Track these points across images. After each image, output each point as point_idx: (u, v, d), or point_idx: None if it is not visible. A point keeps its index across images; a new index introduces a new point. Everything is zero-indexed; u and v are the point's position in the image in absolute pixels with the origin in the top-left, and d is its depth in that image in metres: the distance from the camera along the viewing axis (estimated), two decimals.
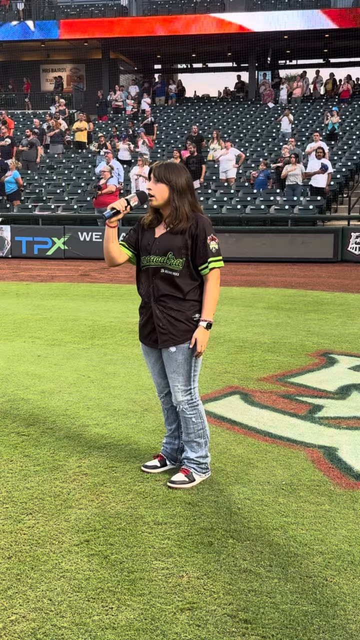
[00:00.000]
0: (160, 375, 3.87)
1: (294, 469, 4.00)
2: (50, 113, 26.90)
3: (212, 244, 3.62)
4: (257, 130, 25.41)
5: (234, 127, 26.12)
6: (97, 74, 33.54)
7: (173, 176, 3.60)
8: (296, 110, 27.18)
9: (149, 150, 22.30)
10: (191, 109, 29.59)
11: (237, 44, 31.49)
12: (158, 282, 3.69)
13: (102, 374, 6.04)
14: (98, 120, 28.41)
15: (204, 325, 3.65)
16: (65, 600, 2.73)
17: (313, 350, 6.97)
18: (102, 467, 4.03)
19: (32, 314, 9.02)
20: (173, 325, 3.67)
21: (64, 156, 23.94)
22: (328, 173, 17.55)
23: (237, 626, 2.57)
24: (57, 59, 35.82)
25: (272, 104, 28.37)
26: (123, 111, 28.88)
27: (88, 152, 23.72)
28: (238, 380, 5.87)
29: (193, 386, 3.76)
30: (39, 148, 22.87)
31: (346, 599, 2.74)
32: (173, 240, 3.63)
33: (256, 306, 9.62)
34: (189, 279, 3.66)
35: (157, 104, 30.68)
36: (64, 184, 21.02)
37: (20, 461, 4.13)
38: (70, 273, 14.16)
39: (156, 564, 2.99)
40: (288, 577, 2.89)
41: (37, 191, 20.60)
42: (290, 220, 16.40)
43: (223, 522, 3.36)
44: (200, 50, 33.81)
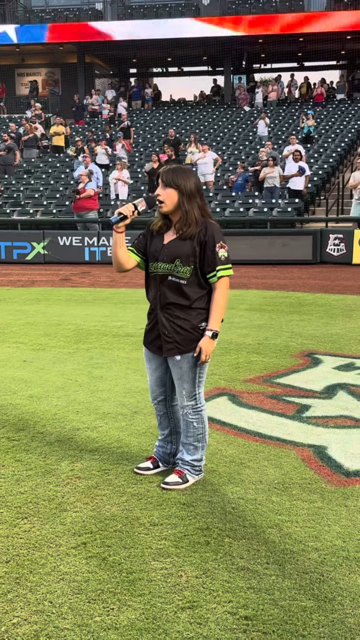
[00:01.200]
0: (157, 383, 3.87)
1: (285, 468, 4.05)
2: (26, 117, 26.81)
3: (221, 251, 3.57)
4: (234, 134, 25.55)
5: (210, 131, 26.23)
6: (73, 78, 33.46)
7: (181, 180, 3.56)
8: (272, 113, 27.36)
9: (127, 154, 22.32)
10: (167, 112, 29.65)
11: (212, 48, 31.62)
12: (165, 289, 3.65)
13: (89, 378, 6.05)
14: (75, 125, 28.36)
15: (209, 335, 3.61)
16: (66, 602, 2.74)
17: (297, 350, 7.04)
18: (94, 470, 4.04)
19: (14, 319, 8.99)
20: (178, 333, 3.64)
21: (41, 160, 23.87)
22: (305, 175, 17.71)
23: (238, 623, 2.60)
24: (32, 63, 35.70)
25: (248, 108, 28.53)
26: (99, 115, 28.86)
27: (66, 157, 23.67)
28: (225, 381, 5.91)
29: (198, 392, 3.76)
30: (16, 152, 22.79)
31: (343, 594, 2.79)
32: (181, 247, 3.58)
33: (238, 308, 9.68)
34: (196, 287, 3.62)
35: (133, 107, 30.71)
36: (42, 189, 20.96)
37: (12, 466, 4.13)
38: (50, 278, 14.12)
39: (154, 565, 3.01)
40: (285, 574, 2.93)
41: (15, 196, 20.51)
42: (269, 222, 16.51)
43: (218, 522, 3.39)
44: (175, 54, 33.89)
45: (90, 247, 16.31)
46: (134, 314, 8.93)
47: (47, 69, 36.20)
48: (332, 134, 24.16)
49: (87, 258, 16.31)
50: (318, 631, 2.55)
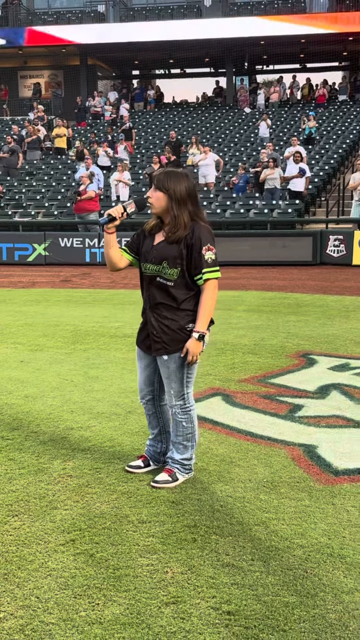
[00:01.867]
0: (145, 382, 3.93)
1: (275, 467, 4.09)
2: (28, 119, 26.90)
3: (207, 254, 3.59)
4: (236, 135, 25.60)
5: (212, 132, 26.28)
6: (75, 80, 33.55)
7: (172, 184, 3.59)
8: (274, 115, 27.41)
9: (129, 156, 22.39)
10: (170, 114, 29.72)
11: (215, 50, 31.68)
12: (154, 290, 3.71)
13: (85, 378, 6.10)
14: (77, 126, 28.44)
15: (195, 337, 3.63)
16: (52, 598, 2.79)
17: (293, 351, 7.08)
18: (86, 468, 4.09)
19: (13, 320, 9.04)
20: (166, 333, 3.69)
21: (43, 162, 23.95)
22: (306, 177, 17.74)
23: (221, 618, 2.65)
24: (35, 65, 35.81)
25: (249, 109, 28.58)
26: (102, 117, 28.94)
27: (67, 158, 23.75)
28: (219, 381, 5.96)
29: (186, 391, 3.81)
30: (19, 154, 22.88)
31: (326, 590, 2.82)
32: (169, 249, 3.62)
33: (236, 309, 9.72)
34: (184, 289, 3.65)
35: (135, 109, 30.79)
36: (44, 190, 21.03)
37: (5, 465, 4.17)
38: (51, 279, 14.19)
39: (141, 561, 3.06)
40: (270, 570, 2.97)
41: (17, 197, 20.59)
42: (269, 223, 16.55)
43: (206, 519, 3.44)
44: (178, 56, 33.96)
45: (91, 248, 16.38)
46: (132, 315, 8.98)
47: (50, 71, 36.30)
48: (333, 135, 24.20)
49: (88, 259, 16.38)
50: (299, 626, 2.59)
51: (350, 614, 2.66)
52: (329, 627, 2.59)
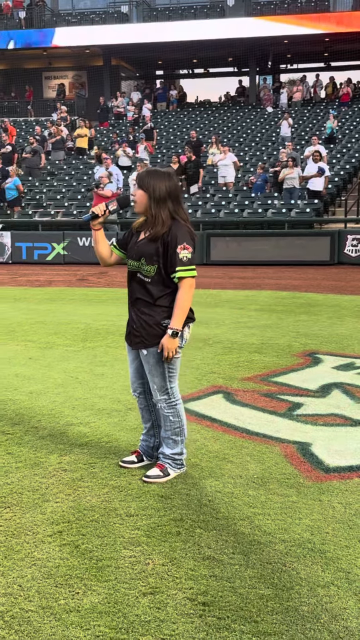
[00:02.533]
0: (134, 374, 4.01)
1: (267, 464, 4.13)
2: (51, 120, 27.13)
3: (182, 252, 3.65)
4: (257, 135, 25.57)
5: (233, 132, 26.29)
6: (99, 81, 33.77)
7: (152, 182, 3.67)
8: (296, 114, 27.33)
9: (149, 156, 22.49)
10: (192, 114, 29.77)
11: (238, 49, 31.67)
12: (134, 285, 3.83)
13: (90, 375, 6.19)
14: (99, 127, 28.61)
15: (169, 333, 3.70)
16: (34, 586, 2.87)
17: (299, 350, 7.10)
18: (81, 463, 4.17)
19: (26, 318, 9.18)
20: (144, 328, 3.79)
21: (64, 162, 24.15)
22: (325, 176, 17.68)
23: (195, 608, 2.70)
24: (59, 66, 36.08)
25: (271, 108, 28.52)
26: (124, 117, 29.09)
27: (89, 158, 23.92)
28: (223, 380, 6.01)
29: (170, 386, 3.87)
30: (42, 155, 23.11)
31: (302, 584, 2.87)
32: (147, 246, 3.72)
33: (248, 308, 9.75)
34: (161, 285, 3.74)
35: (158, 109, 30.89)
36: (64, 190, 21.21)
37: (3, 458, 4.27)
38: (68, 278, 14.33)
39: (124, 553, 3.12)
40: (249, 564, 3.02)
41: (38, 197, 20.80)
42: (287, 223, 16.53)
43: (192, 514, 3.49)
44: (201, 55, 34.00)
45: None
46: None
47: (74, 71, 36.58)
48: (356, 134, 24.05)
49: None
50: (271, 618, 2.64)
51: (323, 607, 2.70)
52: (301, 619, 2.63)
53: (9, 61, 34.95)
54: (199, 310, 9.15)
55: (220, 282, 13.18)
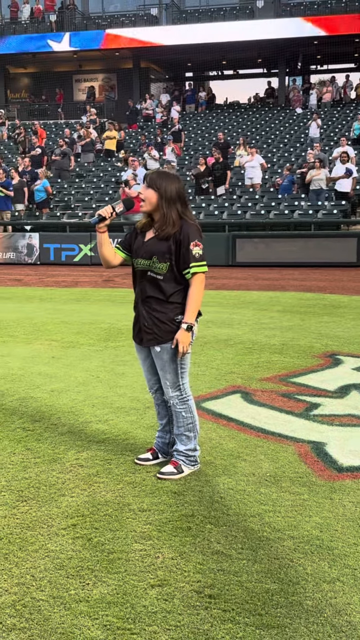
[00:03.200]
0: (149, 371, 4.09)
1: (280, 462, 4.17)
2: (81, 122, 27.38)
3: (195, 249, 3.78)
4: (285, 136, 25.53)
5: (262, 133, 26.28)
6: (128, 83, 34.02)
7: (163, 183, 3.80)
8: (325, 115, 27.22)
9: (177, 158, 22.59)
10: (220, 115, 29.83)
11: (267, 51, 31.66)
12: (145, 284, 3.91)
13: (111, 374, 6.28)
14: (128, 129, 28.81)
15: (184, 327, 3.80)
16: (46, 577, 2.95)
17: (320, 351, 7.11)
18: (98, 459, 4.25)
19: (51, 318, 9.32)
20: (157, 325, 3.87)
21: (93, 165, 24.36)
22: (353, 177, 17.61)
23: (202, 601, 2.76)
24: (89, 69, 36.42)
25: (301, 110, 28.45)
26: (153, 119, 29.25)
27: (117, 160, 24.11)
28: (242, 380, 6.05)
29: (182, 382, 3.96)
30: (71, 157, 23.37)
31: (308, 579, 2.91)
32: (159, 245, 3.83)
33: (271, 310, 9.78)
34: (173, 282, 3.85)
35: (186, 111, 31.00)
36: (92, 192, 21.41)
37: (22, 454, 4.37)
38: (94, 279, 14.49)
39: (135, 546, 3.20)
40: (257, 559, 3.07)
41: (66, 199, 21.02)
42: (313, 224, 16.49)
43: (204, 510, 3.55)
44: (230, 57, 34.05)
45: None
46: None
47: (103, 74, 36.88)
48: None
49: None
50: (275, 611, 2.69)
51: (327, 602, 2.74)
52: (305, 612, 2.68)
53: (40, 64, 35.38)
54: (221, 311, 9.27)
55: (244, 283, 13.21)
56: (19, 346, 7.56)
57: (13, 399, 5.56)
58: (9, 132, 29.32)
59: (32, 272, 16.22)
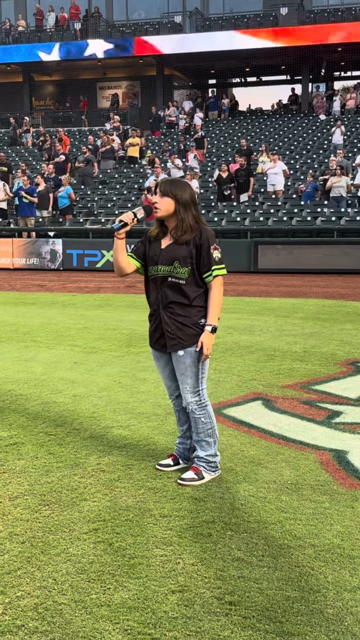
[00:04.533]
0: (170, 378, 4.11)
1: (301, 470, 4.17)
2: (104, 130, 27.56)
3: (215, 253, 3.87)
4: (308, 143, 25.48)
5: (285, 140, 26.25)
6: (152, 90, 34.19)
7: (178, 191, 3.87)
8: (349, 121, 27.13)
9: (199, 164, 22.64)
10: (243, 122, 29.86)
11: (291, 57, 31.65)
12: (166, 289, 3.93)
13: (132, 380, 6.31)
14: (151, 136, 28.94)
15: (209, 330, 3.87)
16: (68, 581, 2.98)
17: (343, 359, 7.09)
18: (119, 464, 4.28)
19: (74, 323, 9.38)
20: (181, 330, 3.90)
21: (116, 171, 24.50)
22: None
23: (222, 607, 2.77)
24: (113, 76, 36.66)
25: (324, 116, 28.39)
26: (176, 126, 29.35)
27: (140, 167, 24.23)
28: (263, 387, 6.05)
29: (201, 387, 3.98)
30: (94, 164, 23.53)
31: (329, 587, 2.90)
32: (178, 250, 3.88)
33: (293, 316, 9.76)
34: (194, 286, 3.90)
35: (210, 118, 31.07)
36: (115, 198, 21.52)
37: (45, 458, 4.41)
38: (116, 284, 14.56)
39: (156, 552, 3.21)
40: (277, 566, 3.07)
41: (89, 205, 21.16)
42: (336, 231, 16.44)
43: (225, 516, 3.56)
44: (254, 64, 34.09)
45: None
46: None
47: (127, 82, 37.10)
48: None
49: None
50: (296, 619, 2.69)
51: (348, 610, 2.74)
52: (325, 621, 2.67)
53: (65, 72, 35.71)
54: (243, 318, 9.27)
55: (266, 289, 13.20)
56: (42, 351, 7.62)
57: (36, 404, 5.61)
58: (34, 139, 29.58)
59: (55, 277, 16.34)
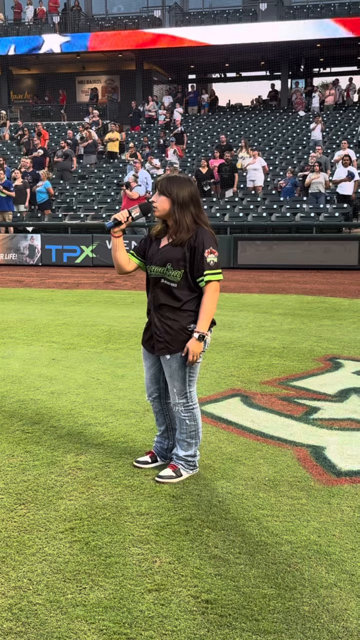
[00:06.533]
0: (151, 380, 4.07)
1: (279, 467, 4.17)
2: (83, 124, 27.40)
3: (210, 257, 3.71)
4: (288, 139, 25.53)
5: (264, 136, 26.28)
6: (131, 85, 34.06)
7: (175, 189, 3.73)
8: (328, 118, 27.22)
9: (179, 160, 22.59)
10: (223, 118, 29.85)
11: (270, 53, 31.68)
12: (158, 291, 3.85)
13: (111, 377, 6.28)
14: (131, 131, 28.83)
15: (196, 337, 3.74)
16: (43, 581, 2.95)
17: (321, 355, 7.11)
18: (96, 462, 4.25)
19: (52, 320, 9.32)
20: (168, 333, 3.82)
21: (96, 166, 24.37)
22: (355, 180, 17.59)
23: (198, 606, 2.76)
24: (92, 70, 36.46)
25: (303, 112, 28.46)
26: (155, 121, 29.26)
27: (119, 162, 24.12)
28: (242, 383, 6.05)
29: (189, 390, 3.92)
30: (73, 159, 23.37)
31: (305, 584, 2.90)
32: (173, 252, 3.76)
33: (272, 312, 9.77)
34: (187, 290, 3.78)
35: (189, 113, 31.01)
36: (94, 194, 21.41)
37: (21, 456, 4.37)
38: (95, 280, 14.49)
39: (132, 550, 3.19)
40: (254, 564, 3.07)
41: (68, 200, 21.04)
42: (315, 227, 16.49)
43: (202, 514, 3.55)
44: (233, 59, 34.08)
45: None
46: None
47: (106, 76, 36.93)
48: None
49: None
50: (272, 616, 2.69)
51: (324, 607, 2.74)
52: (301, 618, 2.67)
53: (43, 65, 35.43)
54: (222, 314, 9.26)
55: (246, 285, 13.21)
56: (20, 348, 7.56)
57: (12, 401, 5.56)
58: (12, 133, 29.33)
59: (34, 273, 16.22)
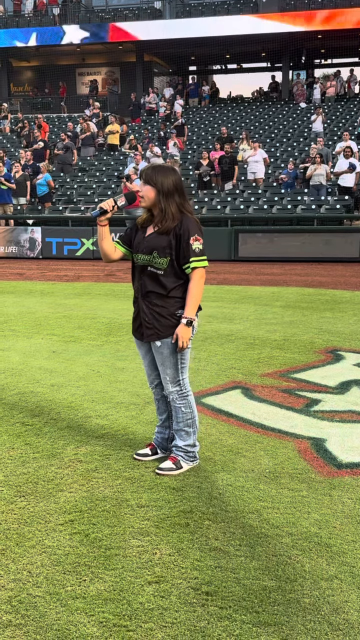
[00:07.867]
0: (150, 366, 4.08)
1: (280, 459, 4.16)
2: (82, 116, 27.31)
3: (195, 244, 3.76)
4: (289, 130, 25.44)
5: (265, 127, 26.19)
6: (132, 77, 33.92)
7: (160, 178, 3.77)
8: (329, 109, 27.11)
9: (180, 152, 22.52)
10: (224, 109, 29.74)
11: (271, 44, 31.53)
12: (145, 279, 3.89)
13: (111, 369, 6.26)
14: (131, 123, 28.73)
15: (184, 322, 3.79)
16: (43, 573, 2.94)
17: (322, 347, 7.09)
18: (97, 454, 4.24)
19: (53, 312, 9.30)
20: (157, 320, 3.86)
21: (96, 159, 24.30)
22: (356, 172, 17.53)
23: (199, 598, 2.75)
24: (93, 62, 36.30)
25: (305, 104, 28.35)
26: (156, 113, 29.16)
27: (120, 155, 24.05)
28: (242, 375, 6.03)
29: (182, 377, 3.94)
30: (74, 151, 23.31)
31: (305, 576, 2.89)
32: (158, 240, 3.81)
33: (273, 305, 9.75)
34: (173, 277, 3.83)
35: (190, 105, 30.90)
36: (95, 186, 21.36)
37: (21, 449, 4.36)
38: (96, 273, 14.46)
39: (133, 542, 3.18)
40: (255, 556, 3.06)
41: (69, 193, 20.98)
42: (316, 220, 16.44)
43: (202, 506, 3.54)
44: (234, 51, 33.93)
45: None
46: None
47: (107, 68, 36.77)
48: None
49: None
50: (272, 609, 2.68)
51: (325, 600, 2.73)
52: (302, 610, 2.66)
53: (43, 57, 35.28)
54: (223, 306, 9.25)
55: (247, 278, 13.18)
56: (20, 340, 7.55)
57: (13, 394, 5.55)
58: (12, 125, 29.24)
59: (35, 266, 16.21)
